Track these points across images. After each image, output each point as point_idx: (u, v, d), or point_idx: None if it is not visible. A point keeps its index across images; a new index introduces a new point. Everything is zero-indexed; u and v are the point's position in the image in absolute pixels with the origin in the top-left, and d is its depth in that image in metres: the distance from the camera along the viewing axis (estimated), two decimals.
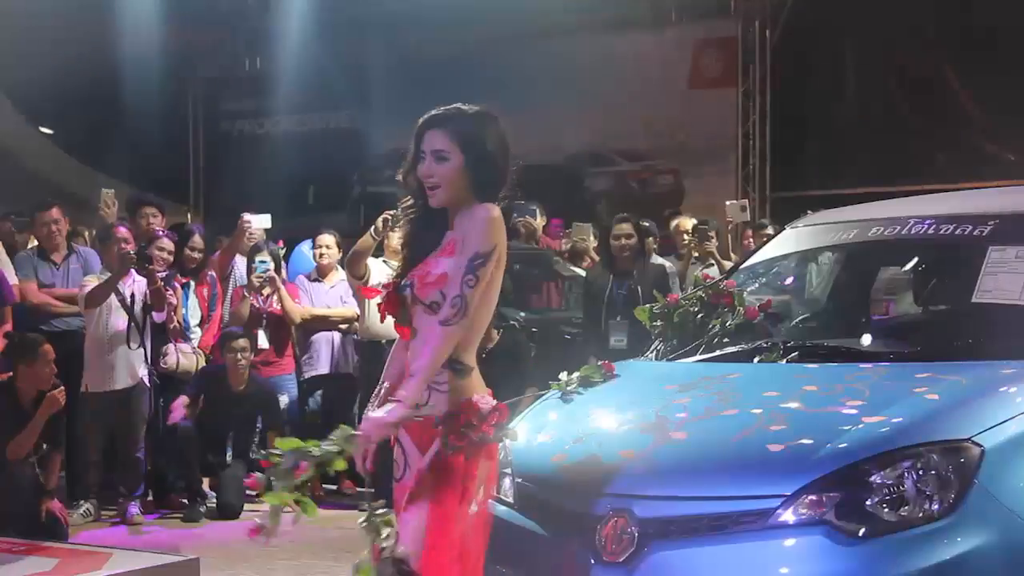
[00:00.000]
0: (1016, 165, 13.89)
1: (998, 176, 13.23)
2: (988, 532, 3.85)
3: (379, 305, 4.33)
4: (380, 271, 8.92)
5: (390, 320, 4.34)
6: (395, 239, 4.11)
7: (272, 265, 9.80)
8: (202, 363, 9.47)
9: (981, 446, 3.94)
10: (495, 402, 4.09)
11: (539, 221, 11.98)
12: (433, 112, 4.21)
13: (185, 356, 9.43)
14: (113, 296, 8.86)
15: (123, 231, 9.26)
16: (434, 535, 4.01)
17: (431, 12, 16.15)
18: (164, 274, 9.22)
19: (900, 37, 14.64)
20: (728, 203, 12.06)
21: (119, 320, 8.92)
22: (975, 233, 5.11)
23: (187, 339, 9.49)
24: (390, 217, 8.18)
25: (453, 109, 4.19)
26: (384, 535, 4.05)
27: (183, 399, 9.11)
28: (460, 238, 4.08)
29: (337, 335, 9.91)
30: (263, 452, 7.94)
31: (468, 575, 4.07)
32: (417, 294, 4.13)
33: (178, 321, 9.39)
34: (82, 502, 8.87)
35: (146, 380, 9.09)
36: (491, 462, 4.16)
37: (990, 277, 4.89)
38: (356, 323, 9.74)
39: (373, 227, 8.72)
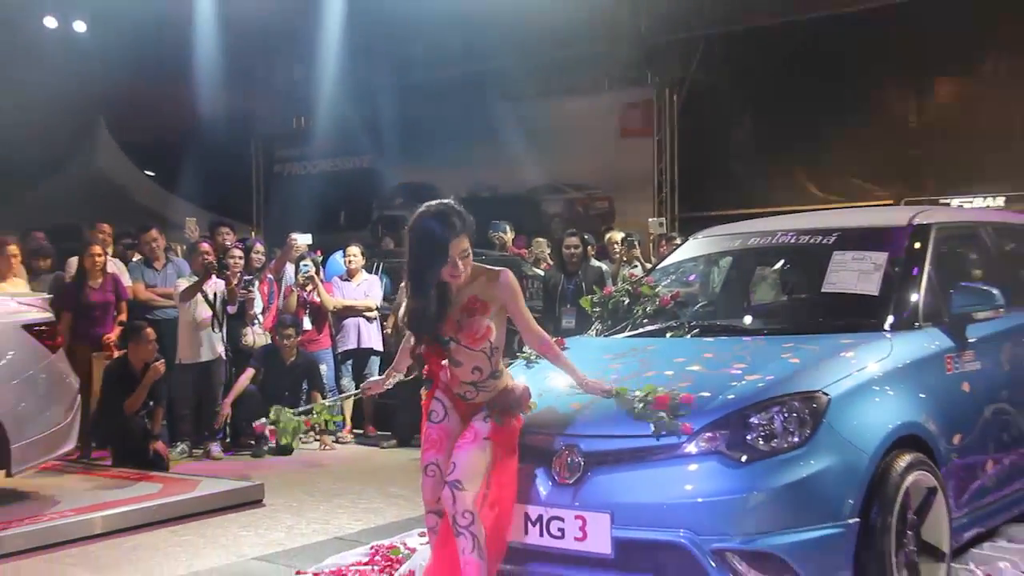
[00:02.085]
0: (858, 190, 14.06)
1: (846, 200, 13.50)
2: (832, 456, 3.87)
3: (422, 354, 4.21)
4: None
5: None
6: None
7: (313, 268, 9.77)
8: (268, 341, 9.44)
9: (828, 395, 3.97)
10: (522, 385, 4.23)
11: (509, 235, 11.97)
12: (452, 218, 3.95)
13: (258, 336, 9.41)
14: (199, 293, 8.85)
15: (205, 246, 9.25)
16: (507, 484, 4.06)
17: (429, 85, 16.46)
18: (248, 278, 9.26)
19: (767, 101, 14.76)
20: (650, 220, 12.15)
21: (204, 311, 8.89)
22: (823, 242, 5.12)
23: (256, 323, 9.48)
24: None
25: (457, 214, 3.97)
26: None
27: (249, 372, 9.08)
28: (485, 298, 4.09)
29: (362, 320, 9.87)
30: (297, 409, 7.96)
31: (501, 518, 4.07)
32: (469, 346, 4.10)
33: (255, 311, 9.39)
34: (179, 443, 8.83)
35: (223, 355, 9.08)
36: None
37: (834, 273, 4.89)
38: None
39: None
